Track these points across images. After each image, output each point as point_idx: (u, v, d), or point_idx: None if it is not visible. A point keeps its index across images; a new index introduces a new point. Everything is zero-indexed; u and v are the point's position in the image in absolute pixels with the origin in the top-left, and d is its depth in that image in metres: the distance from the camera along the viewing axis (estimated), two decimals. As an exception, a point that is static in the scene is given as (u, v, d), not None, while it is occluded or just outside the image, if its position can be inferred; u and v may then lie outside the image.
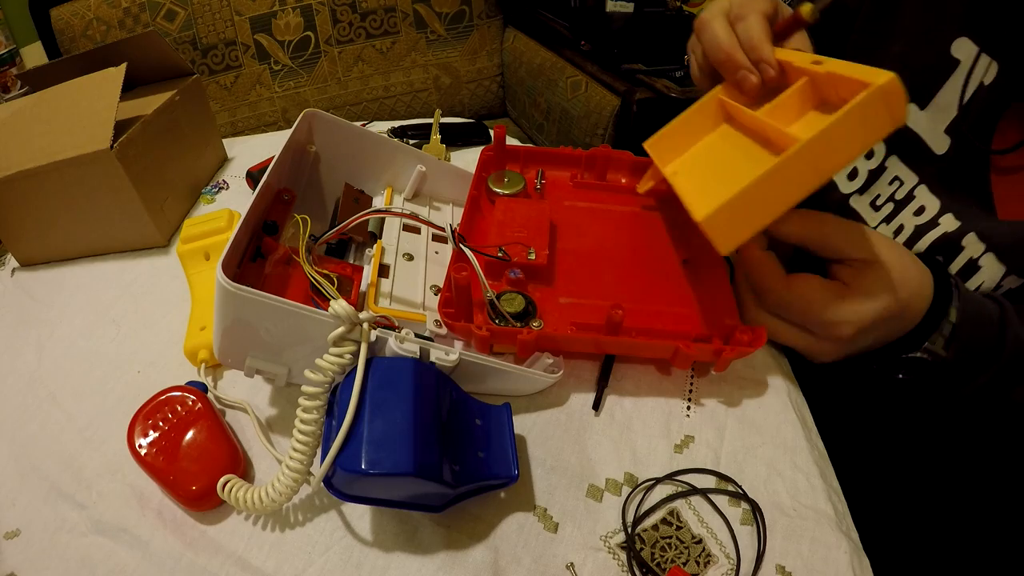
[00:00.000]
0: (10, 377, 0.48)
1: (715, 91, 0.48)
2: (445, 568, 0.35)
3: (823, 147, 0.33)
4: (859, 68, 0.35)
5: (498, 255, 0.44)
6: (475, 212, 0.51)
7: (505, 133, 0.54)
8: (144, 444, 0.38)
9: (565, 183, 0.56)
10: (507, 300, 0.43)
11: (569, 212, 0.53)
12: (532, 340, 0.40)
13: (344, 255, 0.51)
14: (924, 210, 0.47)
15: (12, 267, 0.60)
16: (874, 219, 0.51)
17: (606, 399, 0.43)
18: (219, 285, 0.34)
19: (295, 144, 0.49)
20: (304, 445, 0.34)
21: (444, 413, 0.35)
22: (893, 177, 0.49)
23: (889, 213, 0.49)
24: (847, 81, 0.35)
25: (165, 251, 0.60)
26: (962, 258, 0.45)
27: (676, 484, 0.39)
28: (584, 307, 0.45)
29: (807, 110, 0.40)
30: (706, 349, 0.41)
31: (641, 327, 0.43)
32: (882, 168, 0.51)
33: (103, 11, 1.19)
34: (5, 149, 0.55)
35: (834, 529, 0.37)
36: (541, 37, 1.33)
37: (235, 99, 1.28)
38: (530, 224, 0.48)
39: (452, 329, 0.41)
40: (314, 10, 1.24)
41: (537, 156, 0.56)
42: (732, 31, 0.45)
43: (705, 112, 0.49)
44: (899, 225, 0.49)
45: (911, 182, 0.48)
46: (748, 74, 0.44)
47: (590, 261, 0.48)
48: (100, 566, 0.36)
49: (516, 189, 0.53)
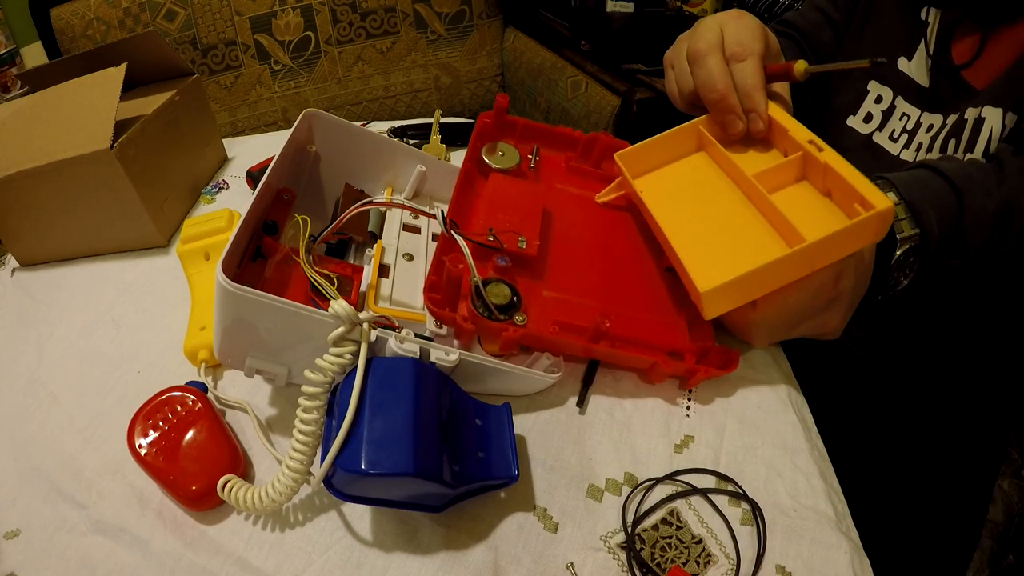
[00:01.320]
0: (10, 377, 0.48)
1: (697, 121, 0.49)
2: (445, 568, 0.35)
3: (821, 249, 0.38)
4: (859, 178, 0.38)
5: (488, 240, 0.43)
6: (467, 186, 0.49)
7: (508, 101, 0.53)
8: (144, 444, 0.38)
9: (559, 164, 0.55)
10: (494, 290, 0.42)
11: (561, 198, 0.52)
12: (516, 338, 0.40)
13: (344, 255, 0.51)
14: (932, 126, 0.56)
15: (12, 267, 0.60)
16: (895, 148, 0.59)
17: (589, 398, 0.43)
18: (219, 285, 0.34)
19: (295, 144, 0.49)
20: (304, 445, 0.34)
21: (444, 413, 0.35)
22: (902, 114, 0.59)
23: (906, 141, 0.58)
24: (845, 185, 0.38)
25: (165, 251, 0.60)
26: (969, 126, 0.51)
27: (676, 484, 0.39)
28: (568, 304, 0.44)
29: (791, 181, 0.44)
30: (680, 366, 0.41)
31: (624, 336, 0.43)
32: (892, 107, 0.60)
33: (103, 11, 1.19)
34: (5, 149, 0.55)
35: (834, 529, 0.37)
36: (541, 37, 1.33)
37: (235, 99, 1.28)
38: (522, 208, 0.47)
39: (435, 315, 0.40)
40: (314, 10, 1.24)
41: (534, 132, 0.55)
42: (728, 70, 0.45)
43: (682, 137, 0.50)
44: (918, 143, 0.57)
45: (915, 114, 0.57)
46: (737, 120, 0.45)
47: (577, 256, 0.48)
48: (100, 566, 0.36)
49: (510, 164, 0.51)
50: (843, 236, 0.37)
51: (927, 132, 0.57)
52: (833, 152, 0.40)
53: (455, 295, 0.42)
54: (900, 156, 0.59)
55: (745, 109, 0.45)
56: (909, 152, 0.58)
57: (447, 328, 0.42)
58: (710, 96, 0.45)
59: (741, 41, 0.45)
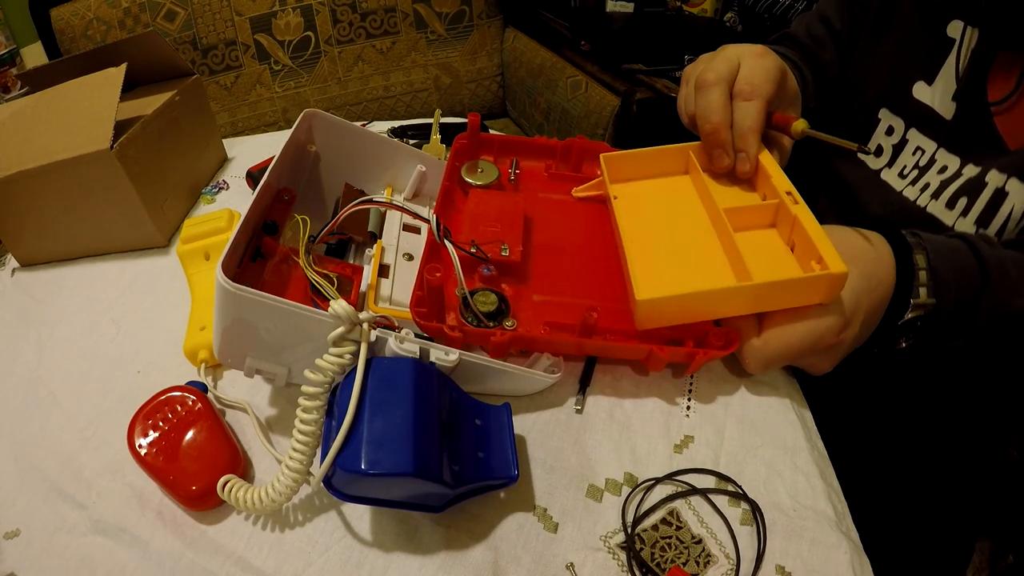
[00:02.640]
0: (10, 377, 0.48)
1: (689, 145, 0.50)
2: (445, 568, 0.35)
3: (766, 292, 0.39)
4: (822, 238, 0.39)
5: (471, 251, 0.43)
6: (448, 204, 0.50)
7: (480, 121, 0.53)
8: (144, 444, 0.38)
9: (540, 174, 0.55)
10: (480, 299, 0.42)
11: (543, 205, 0.52)
12: (505, 342, 0.40)
13: (344, 255, 0.51)
14: (947, 168, 0.51)
15: (12, 267, 0.60)
16: (902, 185, 0.54)
17: (587, 399, 0.43)
18: (219, 285, 0.34)
19: (295, 144, 0.49)
20: (304, 445, 0.34)
21: (444, 413, 0.35)
22: (916, 148, 0.53)
23: (915, 177, 0.53)
24: (808, 241, 0.40)
25: (165, 251, 0.60)
26: (987, 192, 0.47)
27: (676, 484, 0.39)
28: (558, 305, 0.44)
29: (761, 225, 0.45)
30: (679, 352, 0.41)
31: (615, 328, 0.43)
32: (904, 141, 0.55)
33: (103, 11, 1.19)
34: (5, 149, 0.55)
35: (834, 529, 0.37)
36: (541, 37, 1.33)
37: (235, 99, 1.28)
38: (504, 218, 0.47)
39: (425, 329, 0.40)
40: (314, 10, 1.24)
41: (511, 146, 0.55)
42: (729, 105, 0.46)
43: (672, 157, 0.51)
44: (925, 183, 0.52)
45: (931, 149, 0.52)
46: (724, 156, 0.46)
47: (563, 257, 0.48)
48: (100, 566, 0.36)
49: (490, 180, 0.52)
50: (790, 287, 0.39)
51: (939, 173, 0.51)
52: (806, 208, 0.42)
53: (440, 307, 0.42)
54: (903, 192, 0.54)
55: (736, 148, 0.46)
56: (914, 190, 0.53)
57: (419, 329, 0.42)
58: (704, 127, 0.46)
59: (752, 81, 0.45)
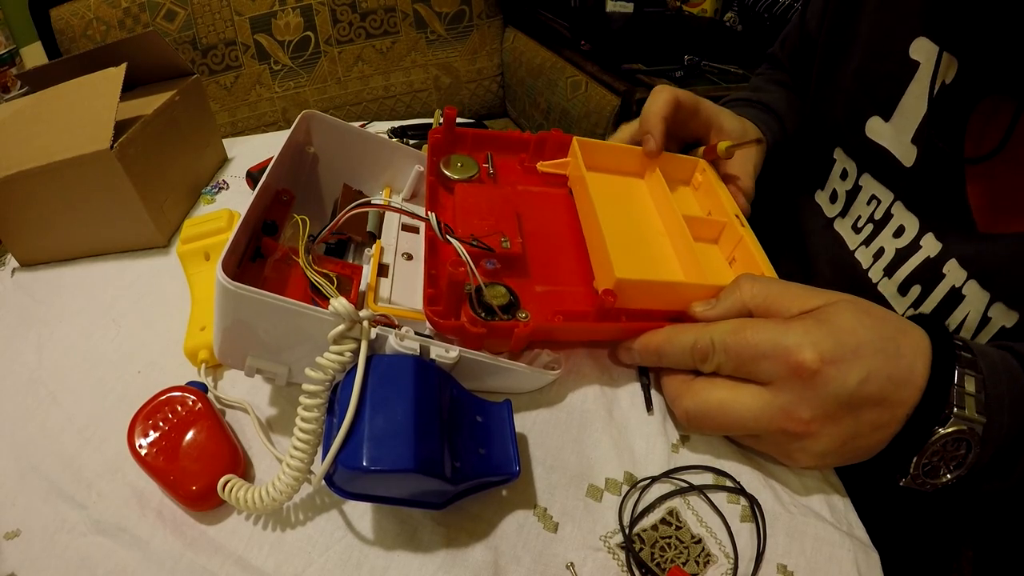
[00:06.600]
0: (10, 377, 0.48)
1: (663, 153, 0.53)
2: (445, 568, 0.35)
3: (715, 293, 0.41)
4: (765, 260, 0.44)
5: (474, 244, 0.43)
6: (434, 201, 0.49)
7: (456, 114, 0.53)
8: (144, 444, 0.38)
9: (515, 167, 0.55)
10: (491, 293, 0.41)
11: (524, 197, 0.52)
12: (527, 334, 0.39)
13: (343, 255, 0.51)
14: (904, 231, 0.45)
15: (12, 267, 0.60)
16: (855, 241, 0.50)
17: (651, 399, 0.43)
18: (219, 284, 0.34)
19: (293, 145, 0.49)
20: (305, 444, 0.34)
21: (445, 410, 0.35)
22: (870, 196, 0.48)
23: (869, 235, 0.48)
24: (750, 257, 0.45)
25: (165, 251, 0.60)
26: (944, 285, 0.42)
27: (674, 482, 0.39)
28: (563, 294, 0.44)
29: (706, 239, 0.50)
30: None
31: (631, 309, 0.42)
32: (857, 188, 0.50)
33: (103, 11, 1.19)
34: (5, 149, 0.55)
35: (836, 526, 0.37)
36: (541, 37, 1.33)
37: (235, 99, 1.28)
38: (495, 211, 0.47)
39: (441, 328, 0.39)
40: (314, 10, 1.24)
41: (485, 140, 0.55)
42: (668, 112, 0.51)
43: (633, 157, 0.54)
44: (879, 248, 0.47)
45: (887, 199, 0.46)
46: (650, 139, 0.51)
47: (557, 246, 0.48)
48: (100, 566, 0.35)
49: (471, 174, 0.51)
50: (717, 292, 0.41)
51: (895, 237, 0.44)
52: (750, 233, 0.46)
53: (459, 303, 0.41)
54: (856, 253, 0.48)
55: (643, 130, 0.51)
56: (867, 254, 0.48)
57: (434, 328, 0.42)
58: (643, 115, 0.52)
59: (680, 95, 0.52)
